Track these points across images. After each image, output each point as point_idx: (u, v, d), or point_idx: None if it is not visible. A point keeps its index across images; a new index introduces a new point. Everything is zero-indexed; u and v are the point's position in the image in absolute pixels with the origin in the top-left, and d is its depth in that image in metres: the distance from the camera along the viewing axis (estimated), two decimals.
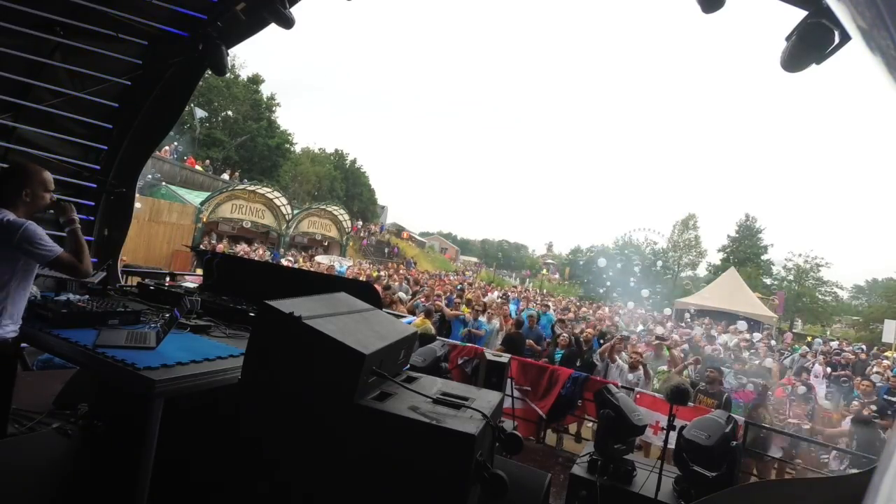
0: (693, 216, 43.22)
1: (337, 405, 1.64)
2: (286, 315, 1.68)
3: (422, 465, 1.57)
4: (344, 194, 42.80)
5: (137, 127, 5.14)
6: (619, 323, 15.17)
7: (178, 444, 2.26)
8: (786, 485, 3.91)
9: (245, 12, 4.71)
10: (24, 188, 2.41)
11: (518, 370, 6.09)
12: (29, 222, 2.32)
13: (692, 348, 9.90)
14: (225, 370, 2.29)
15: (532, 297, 21.19)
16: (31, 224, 2.32)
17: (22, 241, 2.27)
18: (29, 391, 3.52)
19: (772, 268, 39.58)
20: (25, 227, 2.29)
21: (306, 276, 5.83)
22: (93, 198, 5.09)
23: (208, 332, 2.84)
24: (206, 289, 3.97)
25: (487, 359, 5.73)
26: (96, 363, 2.18)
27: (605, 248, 44.48)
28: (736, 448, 3.64)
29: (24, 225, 2.29)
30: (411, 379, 2.00)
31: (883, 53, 0.58)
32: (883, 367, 11.26)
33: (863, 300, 39.12)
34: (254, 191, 22.64)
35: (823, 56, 3.16)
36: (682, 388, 3.77)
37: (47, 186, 2.50)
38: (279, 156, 38.74)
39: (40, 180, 2.47)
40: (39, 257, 2.33)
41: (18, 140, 4.48)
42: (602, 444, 3.84)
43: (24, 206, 2.41)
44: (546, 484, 2.77)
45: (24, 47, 4.16)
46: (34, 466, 2.70)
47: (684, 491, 3.59)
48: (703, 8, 3.34)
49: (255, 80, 37.92)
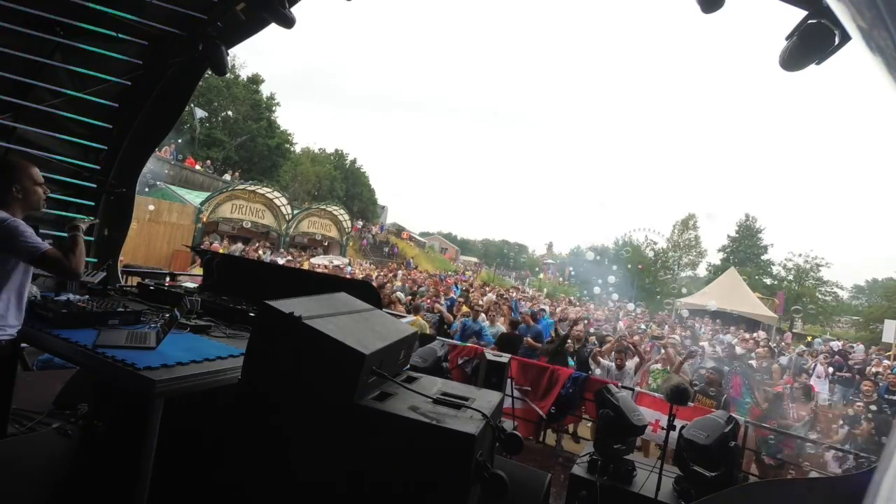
0: (693, 216, 43.26)
1: (337, 405, 1.64)
2: (286, 315, 1.68)
3: (422, 465, 1.57)
4: (344, 194, 42.80)
5: (137, 127, 5.14)
6: (618, 326, 15.24)
7: (178, 444, 2.26)
8: (786, 485, 3.91)
9: (245, 12, 4.71)
10: (14, 184, 2.36)
11: (518, 370, 6.09)
12: (12, 218, 2.26)
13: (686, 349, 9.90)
14: (225, 370, 2.28)
15: (533, 297, 21.24)
16: (12, 219, 2.26)
17: (4, 236, 2.21)
18: (29, 391, 3.52)
19: (772, 268, 39.61)
20: (7, 222, 2.23)
21: (306, 276, 5.84)
22: (93, 198, 5.08)
23: (208, 332, 2.84)
24: (206, 289, 3.97)
25: (487, 359, 5.73)
26: (96, 363, 2.18)
27: (604, 248, 44.55)
28: (735, 448, 3.64)
29: (6, 220, 2.23)
30: (411, 379, 2.00)
31: (883, 53, 0.59)
32: (883, 367, 11.27)
33: (863, 300, 39.15)
34: (254, 191, 22.64)
35: (824, 56, 3.16)
36: (682, 388, 3.77)
37: (36, 180, 2.45)
38: (279, 156, 38.75)
39: (28, 175, 2.42)
40: (24, 252, 2.25)
41: (18, 140, 4.47)
42: (601, 444, 3.84)
43: (17, 203, 2.37)
44: (546, 484, 2.77)
45: (24, 47, 4.15)
46: (34, 466, 2.70)
47: (684, 491, 3.59)
48: (702, 8, 3.34)
49: (255, 80, 37.95)
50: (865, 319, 33.03)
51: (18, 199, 2.38)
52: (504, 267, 54.28)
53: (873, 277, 39.82)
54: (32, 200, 2.44)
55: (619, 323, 16.81)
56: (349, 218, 29.59)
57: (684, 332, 15.71)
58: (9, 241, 2.23)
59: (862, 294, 40.12)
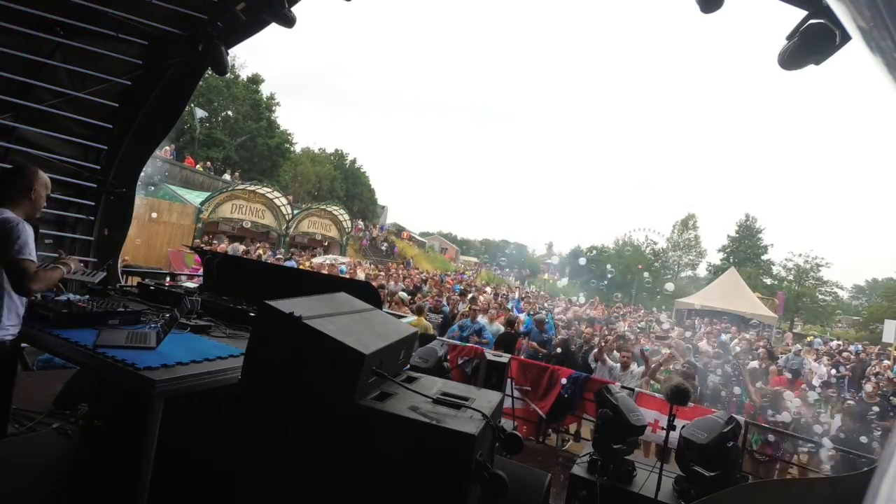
0: (693, 216, 43.21)
1: (337, 405, 1.64)
2: (286, 315, 1.68)
3: (422, 465, 1.57)
4: (344, 194, 42.80)
5: (137, 127, 5.14)
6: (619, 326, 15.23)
7: (178, 444, 2.26)
8: (786, 485, 3.92)
9: (245, 12, 4.71)
10: (30, 189, 2.45)
11: (518, 370, 6.09)
12: (24, 222, 2.31)
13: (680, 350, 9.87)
14: (225, 370, 2.29)
15: (534, 296, 21.25)
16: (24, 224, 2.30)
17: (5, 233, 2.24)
18: (29, 391, 3.52)
19: (772, 268, 39.59)
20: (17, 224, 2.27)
21: (306, 277, 5.84)
22: (93, 198, 5.09)
23: (208, 332, 2.84)
24: (206, 289, 3.97)
25: (487, 359, 5.73)
26: (96, 363, 2.18)
27: (604, 248, 44.51)
28: (733, 448, 3.63)
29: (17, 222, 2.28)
30: (411, 379, 2.00)
31: (883, 53, 0.58)
32: (883, 367, 11.27)
33: (863, 300, 39.14)
34: (254, 191, 22.65)
35: (824, 56, 3.16)
36: (683, 388, 3.76)
37: (48, 189, 2.56)
38: (279, 156, 38.74)
39: (44, 182, 2.53)
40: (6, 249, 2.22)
41: (18, 140, 4.48)
42: (600, 443, 3.84)
43: (25, 206, 2.43)
44: (546, 484, 2.77)
45: (24, 47, 4.16)
46: (34, 466, 2.70)
47: (684, 491, 3.59)
48: (701, 8, 3.34)
49: (255, 80, 37.93)
50: (865, 319, 33.04)
51: (27, 203, 2.44)
52: (504, 267, 54.25)
53: (873, 277, 39.84)
54: (38, 207, 2.52)
55: (619, 323, 16.78)
56: (349, 218, 29.61)
57: (685, 331, 15.70)
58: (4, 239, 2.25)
59: (862, 294, 40.09)
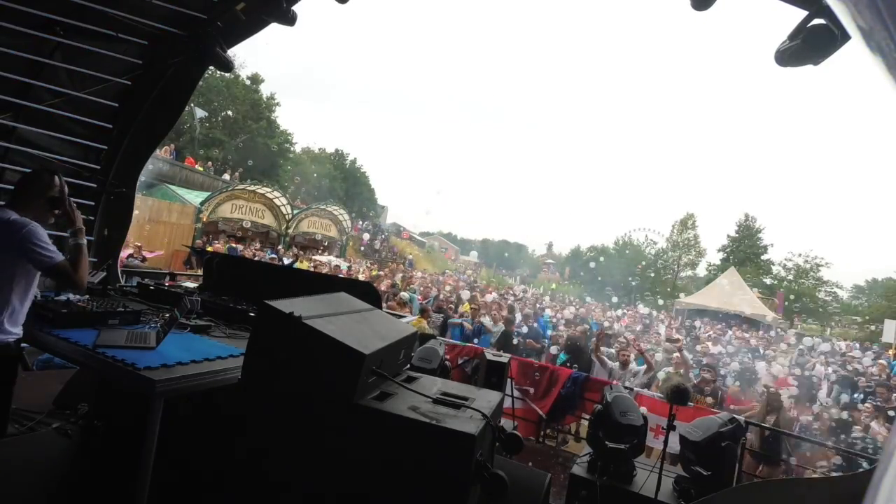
0: (692, 216, 43.16)
1: (337, 405, 1.64)
2: (286, 315, 1.68)
3: (422, 465, 1.57)
4: (344, 194, 42.77)
5: (137, 127, 5.14)
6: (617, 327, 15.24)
7: (178, 444, 2.26)
8: (786, 485, 3.91)
9: (245, 12, 4.71)
10: (47, 195, 2.46)
11: (518, 370, 6.09)
12: (33, 223, 2.32)
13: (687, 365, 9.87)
14: (225, 370, 2.29)
15: (534, 297, 21.25)
16: (34, 224, 2.31)
17: (24, 241, 2.26)
18: (29, 391, 3.52)
19: (772, 268, 39.55)
20: (28, 227, 2.29)
21: (306, 276, 5.84)
22: (93, 198, 5.08)
23: (208, 332, 2.84)
24: (206, 289, 3.97)
25: (487, 359, 5.73)
26: (96, 363, 2.18)
27: (604, 248, 44.49)
28: (727, 448, 3.62)
29: (28, 225, 2.29)
30: (411, 379, 2.00)
31: (883, 53, 0.58)
32: (881, 366, 11.26)
33: (863, 300, 39.09)
34: (254, 191, 22.62)
35: (823, 58, 3.16)
36: (683, 388, 3.76)
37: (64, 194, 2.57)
38: (279, 156, 38.71)
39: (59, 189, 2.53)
40: (38, 262, 2.30)
41: (18, 140, 4.48)
42: (592, 440, 3.85)
43: (38, 210, 2.44)
44: (546, 484, 2.77)
45: (24, 47, 4.15)
46: (34, 466, 2.70)
47: (684, 491, 3.59)
48: (693, 5, 3.34)
49: (255, 80, 37.90)
50: (865, 319, 33.01)
51: (40, 207, 2.45)
52: (504, 267, 54.20)
53: (873, 277, 39.77)
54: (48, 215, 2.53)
55: (617, 323, 16.81)
56: (349, 218, 29.58)
57: (684, 332, 15.71)
58: (29, 244, 2.27)
59: (862, 294, 40.04)
